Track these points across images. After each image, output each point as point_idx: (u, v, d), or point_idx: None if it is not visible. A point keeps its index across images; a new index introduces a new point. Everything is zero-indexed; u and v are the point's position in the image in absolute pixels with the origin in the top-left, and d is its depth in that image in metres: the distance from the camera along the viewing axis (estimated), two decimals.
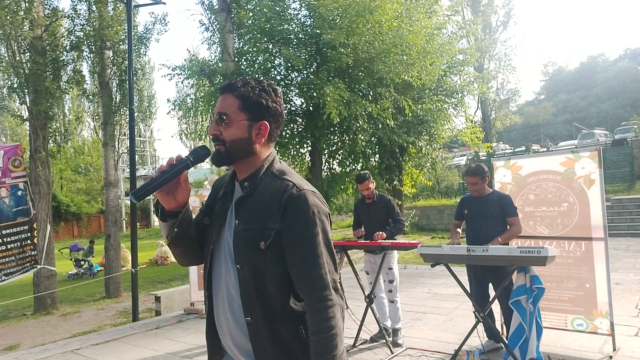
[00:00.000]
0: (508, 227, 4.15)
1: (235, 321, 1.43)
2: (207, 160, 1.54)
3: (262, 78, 1.53)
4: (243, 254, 1.39)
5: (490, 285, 4.30)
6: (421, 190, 20.60)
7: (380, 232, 4.60)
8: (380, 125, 10.50)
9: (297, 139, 10.45)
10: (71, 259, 13.99)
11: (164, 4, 9.28)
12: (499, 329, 4.59)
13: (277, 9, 9.82)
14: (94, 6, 10.03)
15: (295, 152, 10.98)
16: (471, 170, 4.29)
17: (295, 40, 10.31)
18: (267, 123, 1.45)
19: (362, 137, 10.73)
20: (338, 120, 9.00)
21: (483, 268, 4.07)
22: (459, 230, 4.55)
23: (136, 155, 8.33)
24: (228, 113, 1.43)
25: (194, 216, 1.59)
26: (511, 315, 3.84)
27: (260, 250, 1.37)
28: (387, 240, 4.51)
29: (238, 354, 1.45)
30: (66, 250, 14.52)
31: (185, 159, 1.42)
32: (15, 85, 9.09)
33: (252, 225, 1.39)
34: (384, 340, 4.62)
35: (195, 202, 6.90)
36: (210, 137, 1.46)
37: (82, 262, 14.02)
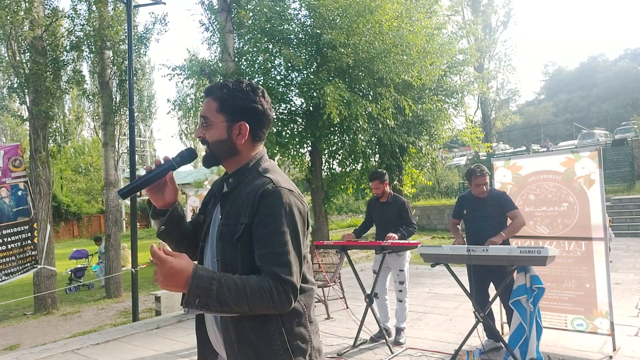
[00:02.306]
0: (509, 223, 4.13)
1: (213, 316, 1.47)
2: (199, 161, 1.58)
3: (244, 78, 1.56)
4: (220, 248, 1.43)
5: (491, 284, 4.29)
6: (421, 190, 20.60)
7: (393, 234, 4.57)
8: (380, 125, 10.49)
9: (297, 139, 10.44)
10: (70, 273, 11.50)
11: (164, 4, 9.27)
12: (499, 328, 4.59)
13: (277, 9, 9.81)
14: (94, 6, 10.02)
15: (295, 152, 10.97)
16: (481, 171, 4.19)
17: (295, 40, 10.30)
18: (246, 123, 1.48)
19: (362, 137, 10.73)
20: (338, 120, 8.99)
21: (484, 268, 4.07)
22: (459, 227, 4.54)
23: (136, 155, 8.33)
24: (208, 116, 1.48)
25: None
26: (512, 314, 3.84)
27: (234, 245, 1.39)
28: (387, 241, 4.50)
29: (219, 348, 1.49)
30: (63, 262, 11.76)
31: (171, 161, 1.50)
32: (15, 85, 9.09)
33: (228, 221, 1.43)
34: (384, 340, 4.62)
35: (195, 202, 6.92)
36: (198, 139, 1.53)
37: (80, 274, 11.73)
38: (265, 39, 9.86)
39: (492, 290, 4.24)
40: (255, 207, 1.37)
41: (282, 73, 10.75)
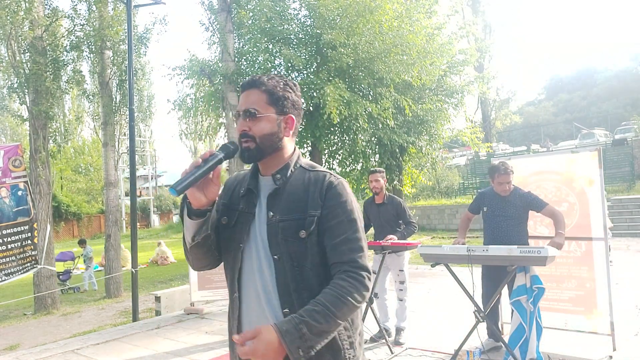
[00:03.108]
0: (552, 219, 3.95)
1: (274, 316, 1.39)
2: (236, 156, 1.50)
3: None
4: (280, 244, 1.39)
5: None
6: (421, 190, 20.58)
7: (391, 236, 4.55)
8: (380, 125, 10.49)
9: (297, 139, 10.43)
10: (59, 276, 10.99)
11: (164, 4, 9.27)
12: (501, 328, 4.58)
13: (278, 9, 9.81)
14: (94, 6, 10.02)
15: None
16: (504, 169, 4.03)
17: (295, 40, 10.30)
18: (293, 116, 1.49)
19: (362, 137, 10.72)
20: (338, 120, 9.00)
21: (499, 268, 3.99)
22: (469, 224, 4.48)
23: (136, 155, 8.33)
24: (257, 108, 1.43)
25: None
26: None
27: (300, 240, 1.38)
28: (388, 241, 4.50)
29: None
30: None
31: (217, 154, 1.38)
32: (16, 85, 9.09)
33: (290, 216, 1.41)
34: (383, 340, 4.62)
35: None
36: (239, 133, 1.44)
37: (69, 274, 11.73)
38: (265, 39, 9.85)
39: (504, 291, 4.16)
40: (323, 199, 1.41)
41: (282, 73, 10.73)
